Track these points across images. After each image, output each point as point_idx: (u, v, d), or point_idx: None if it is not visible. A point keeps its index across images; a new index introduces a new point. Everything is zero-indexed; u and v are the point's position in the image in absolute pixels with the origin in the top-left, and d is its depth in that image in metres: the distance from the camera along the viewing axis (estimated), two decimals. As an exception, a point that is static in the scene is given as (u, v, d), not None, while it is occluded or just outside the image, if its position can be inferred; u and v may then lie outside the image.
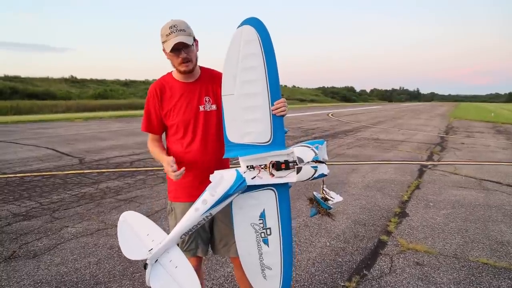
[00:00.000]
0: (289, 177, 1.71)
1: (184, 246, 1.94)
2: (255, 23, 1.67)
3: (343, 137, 12.46)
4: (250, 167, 1.71)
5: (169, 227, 1.89)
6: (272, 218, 1.76)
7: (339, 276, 2.91)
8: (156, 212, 4.32)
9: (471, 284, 2.79)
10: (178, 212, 1.92)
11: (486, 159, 8.42)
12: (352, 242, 3.56)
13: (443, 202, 4.95)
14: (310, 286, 2.76)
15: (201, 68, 1.96)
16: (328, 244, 3.52)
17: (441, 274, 2.94)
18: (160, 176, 6.16)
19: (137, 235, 1.64)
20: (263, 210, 1.75)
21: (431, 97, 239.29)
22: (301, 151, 1.72)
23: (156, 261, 1.57)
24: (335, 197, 1.89)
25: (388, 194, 5.30)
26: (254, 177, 1.70)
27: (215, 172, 1.71)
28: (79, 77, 52.51)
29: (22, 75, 44.06)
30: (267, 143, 1.72)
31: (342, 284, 2.79)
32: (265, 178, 1.71)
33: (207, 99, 1.90)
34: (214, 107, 1.91)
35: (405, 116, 26.92)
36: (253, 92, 1.71)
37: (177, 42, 1.72)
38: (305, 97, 72.07)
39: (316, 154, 1.72)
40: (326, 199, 1.86)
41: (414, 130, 15.38)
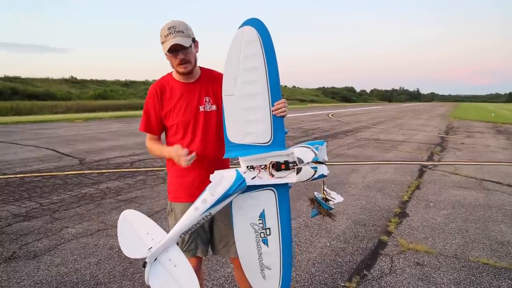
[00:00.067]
0: (289, 177, 1.72)
1: (184, 246, 1.94)
2: (256, 24, 1.67)
3: (343, 137, 12.46)
4: (250, 167, 1.72)
5: (169, 228, 1.89)
6: (272, 218, 1.76)
7: (339, 276, 2.91)
8: (156, 213, 4.32)
9: (471, 285, 2.79)
10: (178, 212, 1.92)
11: (487, 159, 8.42)
12: (352, 243, 3.56)
13: (443, 202, 4.95)
14: (311, 287, 2.76)
15: (201, 68, 1.96)
16: (328, 244, 3.52)
17: (441, 274, 2.94)
18: (160, 177, 6.16)
19: (137, 233, 1.65)
20: (263, 210, 1.75)
21: (431, 97, 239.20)
22: (301, 152, 1.72)
23: (155, 259, 1.57)
24: (336, 198, 1.89)
25: (388, 194, 5.30)
26: (254, 177, 1.70)
27: (215, 172, 1.71)
28: (79, 77, 52.68)
29: (22, 76, 44.18)
30: (267, 144, 1.72)
31: (343, 284, 2.79)
32: (265, 178, 1.71)
33: (207, 100, 1.91)
34: (214, 107, 1.91)
35: (405, 116, 26.91)
36: (254, 92, 1.71)
37: (174, 44, 1.72)
38: (305, 97, 72.04)
39: (316, 154, 1.72)
40: (327, 199, 1.86)
41: (414, 130, 15.37)
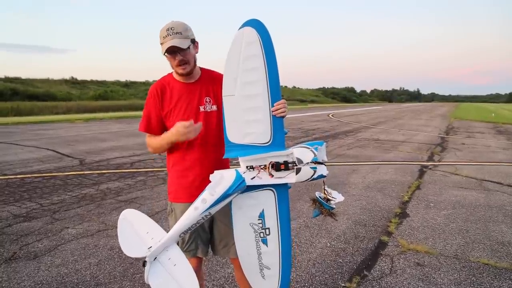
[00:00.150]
0: (288, 177, 1.72)
1: (184, 247, 1.94)
2: (256, 25, 1.68)
3: (343, 137, 12.46)
4: (250, 168, 1.72)
5: (169, 228, 1.89)
6: (271, 218, 1.76)
7: (339, 276, 2.91)
8: (156, 213, 4.32)
9: (472, 285, 2.79)
10: (178, 212, 1.92)
11: (487, 160, 8.41)
12: (352, 243, 3.56)
13: (443, 202, 4.94)
14: (311, 287, 2.76)
15: (202, 69, 1.96)
16: (329, 244, 3.52)
17: (441, 274, 2.94)
18: (161, 177, 6.16)
19: (137, 233, 1.65)
20: (262, 210, 1.76)
21: (432, 98, 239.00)
22: (301, 152, 1.72)
23: (155, 258, 1.57)
24: (336, 197, 1.89)
25: (388, 195, 5.30)
26: (254, 177, 1.70)
27: (215, 172, 1.71)
28: (79, 78, 52.73)
29: (22, 77, 44.21)
30: (267, 144, 1.73)
31: (343, 284, 2.79)
32: (264, 178, 1.71)
33: (207, 100, 1.91)
34: (214, 107, 1.91)
35: (405, 116, 26.91)
36: (253, 93, 1.71)
37: (171, 45, 1.73)
38: (305, 97, 71.99)
39: (315, 155, 1.72)
40: (328, 199, 1.86)
41: (414, 131, 15.37)
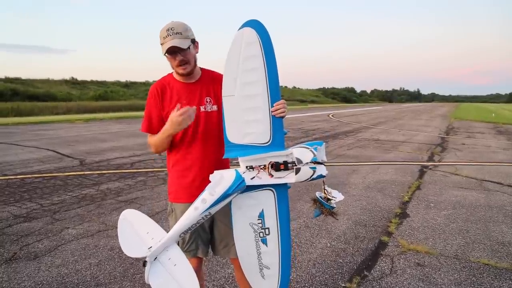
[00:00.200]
0: (288, 177, 1.72)
1: (185, 247, 1.94)
2: (256, 25, 1.68)
3: (343, 138, 12.46)
4: (250, 168, 1.72)
5: (170, 228, 1.89)
6: (271, 218, 1.77)
7: (339, 277, 2.91)
8: (156, 213, 4.32)
9: (472, 285, 2.78)
10: (179, 212, 1.92)
11: (487, 160, 8.41)
12: (352, 243, 3.56)
13: (444, 202, 4.94)
14: (311, 287, 2.76)
15: (202, 69, 1.97)
16: (329, 245, 3.52)
17: (442, 275, 2.94)
18: (161, 178, 6.17)
19: (137, 233, 1.65)
20: (262, 210, 1.76)
21: (432, 98, 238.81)
22: (300, 152, 1.73)
23: (155, 259, 1.57)
24: (337, 196, 1.89)
25: (388, 195, 5.30)
26: (253, 177, 1.71)
27: (215, 172, 1.72)
28: (79, 78, 52.77)
29: (22, 77, 44.22)
30: (267, 144, 1.73)
31: (343, 285, 2.79)
32: (264, 178, 1.72)
33: (208, 100, 1.91)
34: (215, 107, 1.92)
35: (405, 116, 26.90)
36: (253, 93, 1.72)
37: (171, 46, 1.73)
38: (305, 98, 71.96)
39: (314, 155, 1.72)
40: (328, 199, 1.86)
41: (414, 131, 15.37)
